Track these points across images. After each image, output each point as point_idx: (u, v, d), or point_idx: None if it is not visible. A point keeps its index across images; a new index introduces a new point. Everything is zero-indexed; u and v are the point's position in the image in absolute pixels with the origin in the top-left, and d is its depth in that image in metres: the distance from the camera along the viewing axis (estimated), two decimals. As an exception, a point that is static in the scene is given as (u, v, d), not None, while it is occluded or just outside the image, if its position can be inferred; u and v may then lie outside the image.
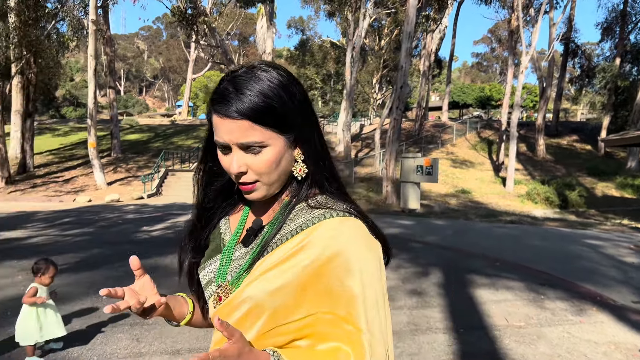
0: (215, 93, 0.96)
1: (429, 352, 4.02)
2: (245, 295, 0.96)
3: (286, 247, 0.96)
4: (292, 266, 0.94)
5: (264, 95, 0.92)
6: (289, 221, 1.00)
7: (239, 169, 0.95)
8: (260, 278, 0.95)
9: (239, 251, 1.04)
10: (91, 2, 19.36)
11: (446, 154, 28.18)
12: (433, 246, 9.56)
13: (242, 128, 0.92)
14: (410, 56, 17.45)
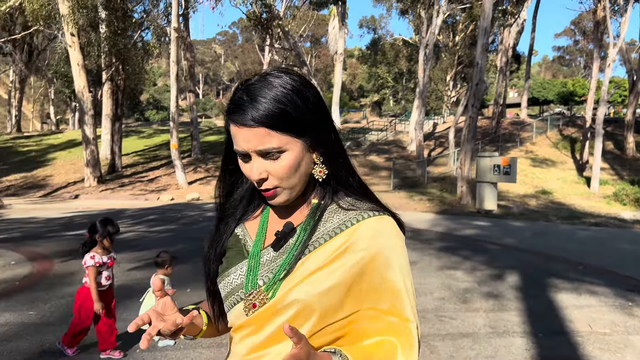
0: (231, 103, 0.99)
1: (506, 355, 3.96)
2: (291, 298, 0.97)
3: (328, 248, 0.99)
4: (339, 267, 0.97)
5: (277, 102, 0.95)
6: (323, 223, 1.03)
7: (260, 176, 0.97)
8: (307, 281, 0.97)
9: (267, 256, 1.04)
10: (173, 11, 20.43)
11: (525, 153, 27.04)
12: (510, 248, 9.27)
13: (259, 135, 0.94)
14: (486, 52, 16.94)
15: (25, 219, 12.87)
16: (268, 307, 0.99)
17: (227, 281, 1.06)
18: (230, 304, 1.04)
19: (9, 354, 3.78)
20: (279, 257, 1.02)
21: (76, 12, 18.47)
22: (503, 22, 23.38)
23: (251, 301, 1.00)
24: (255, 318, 1.00)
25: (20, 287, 5.78)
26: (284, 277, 0.99)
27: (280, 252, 1.02)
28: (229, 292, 1.05)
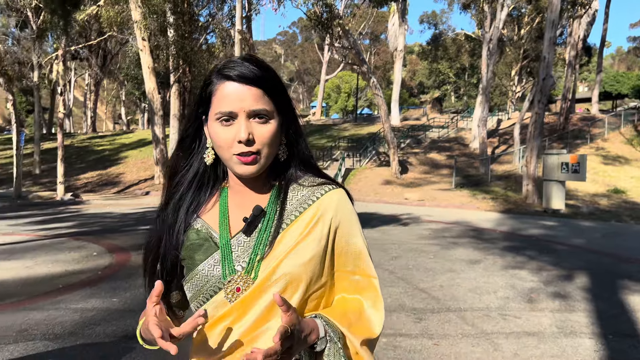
0: (225, 66, 1.02)
1: (573, 355, 3.91)
2: (280, 272, 1.01)
3: (301, 222, 1.05)
4: (316, 237, 1.05)
5: (271, 72, 1.03)
6: (288, 200, 1.08)
7: (248, 136, 0.98)
8: (291, 254, 1.02)
9: (237, 242, 1.05)
10: (237, 14, 21.05)
11: (596, 150, 25.75)
12: (579, 249, 8.96)
13: (255, 95, 0.99)
14: (554, 46, 16.32)
15: (102, 213, 13.76)
16: (255, 286, 1.01)
17: (199, 276, 1.05)
18: (206, 297, 1.04)
19: (97, 336, 4.14)
20: (250, 241, 1.04)
21: (147, 18, 19.43)
22: (572, 13, 22.39)
23: (234, 286, 1.02)
24: (240, 303, 1.02)
25: (102, 276, 6.25)
26: (262, 257, 1.02)
27: (254, 234, 1.05)
28: (202, 287, 1.04)
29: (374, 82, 20.62)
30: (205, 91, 1.04)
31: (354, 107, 62.55)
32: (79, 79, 61.07)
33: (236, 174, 1.05)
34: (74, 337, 4.08)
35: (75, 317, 4.57)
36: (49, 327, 4.28)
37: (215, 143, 1.03)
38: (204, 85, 1.06)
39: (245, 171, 1.01)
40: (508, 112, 41.11)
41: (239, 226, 1.06)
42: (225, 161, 1.04)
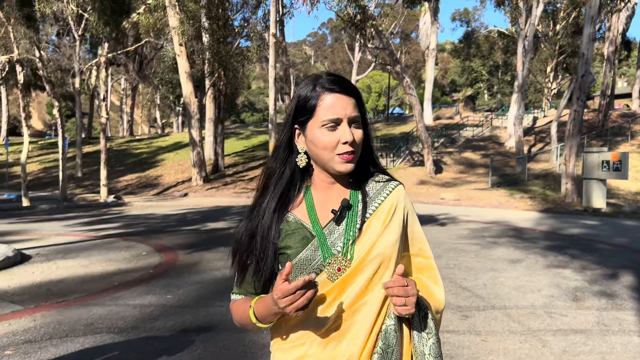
0: (327, 81, 1.23)
1: (623, 353, 3.94)
2: (375, 253, 1.21)
3: (382, 211, 1.26)
4: (396, 223, 1.27)
5: (355, 86, 1.27)
6: (368, 193, 1.29)
7: (351, 138, 1.19)
8: (381, 237, 1.23)
9: (329, 231, 1.23)
10: (272, 18, 21.38)
11: (637, 147, 25.03)
12: (624, 248, 8.82)
13: (352, 104, 1.22)
14: (593, 42, 16.00)
15: (145, 215, 14.22)
16: (354, 266, 1.20)
17: (301, 261, 1.21)
18: (314, 274, 1.20)
19: (158, 329, 4.39)
20: (340, 229, 1.23)
21: (185, 24, 19.94)
22: (611, 7, 21.85)
23: (335, 266, 1.20)
24: (341, 281, 1.20)
25: (154, 274, 6.54)
26: (354, 241, 1.22)
27: (344, 223, 1.24)
28: (305, 270, 1.21)
29: (408, 82, 20.60)
30: (307, 103, 1.23)
31: (385, 106, 62.35)
32: (115, 84, 62.85)
33: (335, 171, 1.24)
34: (136, 331, 4.33)
35: (135, 313, 4.84)
36: (113, 322, 4.56)
37: (319, 145, 1.22)
38: (304, 97, 1.24)
39: (346, 168, 1.22)
40: (544, 110, 40.28)
41: (325, 218, 1.25)
42: (326, 161, 1.23)
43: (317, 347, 1.22)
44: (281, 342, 1.27)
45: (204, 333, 4.29)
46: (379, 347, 1.21)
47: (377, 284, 1.22)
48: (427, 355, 1.24)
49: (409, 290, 1.13)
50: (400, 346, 1.24)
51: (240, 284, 1.33)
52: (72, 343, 4.02)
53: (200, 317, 4.73)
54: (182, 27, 19.87)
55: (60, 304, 5.11)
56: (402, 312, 1.14)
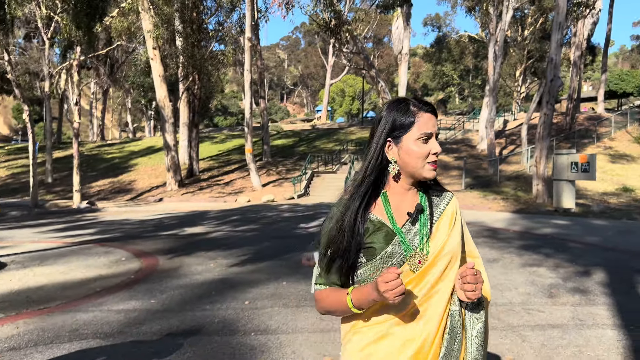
0: (419, 102, 1.49)
1: (597, 345, 4.11)
2: (447, 250, 1.46)
3: (447, 216, 1.51)
4: (459, 226, 1.52)
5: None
6: (433, 200, 1.54)
7: (440, 149, 1.48)
8: (450, 238, 1.47)
9: (406, 230, 1.46)
10: (247, 22, 21.37)
11: (603, 149, 25.90)
12: (594, 247, 9.14)
13: (436, 122, 1.49)
14: (561, 47, 16.52)
15: (120, 220, 14.03)
16: (431, 260, 1.44)
17: (386, 255, 1.44)
18: (397, 264, 1.44)
19: (145, 334, 4.38)
20: (414, 229, 1.46)
21: (159, 27, 19.75)
22: (577, 14, 22.59)
23: (416, 259, 1.43)
24: (421, 272, 1.43)
25: (136, 279, 6.49)
26: (428, 239, 1.45)
27: (417, 223, 1.47)
28: (388, 262, 1.44)
29: (382, 86, 20.86)
30: (405, 119, 1.47)
31: (359, 110, 62.78)
32: (84, 88, 61.67)
33: (423, 178, 1.49)
34: (123, 335, 4.32)
35: (120, 318, 4.81)
36: (98, 327, 4.53)
37: (414, 155, 1.46)
38: (401, 115, 1.48)
39: (433, 175, 1.49)
40: (514, 113, 41.22)
41: (401, 219, 1.48)
42: (415, 169, 1.47)
43: (397, 327, 1.44)
44: (361, 325, 1.49)
45: (192, 336, 4.30)
46: (448, 328, 1.45)
47: (447, 276, 1.45)
48: (475, 337, 1.48)
49: (478, 278, 1.36)
50: (462, 329, 1.48)
51: (327, 274, 1.51)
52: (57, 349, 3.99)
53: (186, 320, 4.73)
54: (156, 31, 19.70)
55: (42, 311, 5.05)
56: (471, 297, 1.36)
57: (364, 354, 1.46)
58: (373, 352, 1.45)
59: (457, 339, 1.46)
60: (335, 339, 4.27)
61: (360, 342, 1.48)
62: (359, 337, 1.48)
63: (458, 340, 1.46)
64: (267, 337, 4.31)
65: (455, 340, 1.46)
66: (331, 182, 23.24)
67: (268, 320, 4.77)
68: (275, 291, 5.86)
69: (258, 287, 6.05)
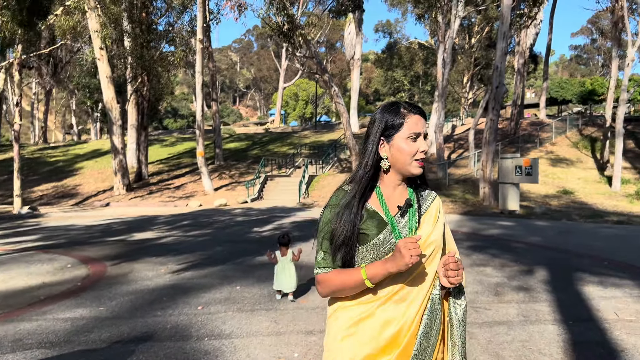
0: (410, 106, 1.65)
1: (540, 340, 4.32)
2: (431, 240, 1.63)
3: (432, 211, 1.68)
4: (441, 221, 1.70)
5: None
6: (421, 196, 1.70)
7: (427, 147, 1.64)
8: (434, 230, 1.65)
9: (396, 220, 1.62)
10: (199, 23, 21.07)
11: (545, 153, 27.13)
12: (536, 247, 9.57)
13: (425, 124, 1.65)
14: (505, 56, 17.21)
15: (65, 226, 13.50)
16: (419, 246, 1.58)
17: (379, 241, 1.59)
18: (385, 253, 1.59)
19: (93, 342, 4.25)
20: (403, 220, 1.63)
21: (107, 27, 19.17)
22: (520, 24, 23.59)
23: None
24: None
25: (83, 287, 6.28)
26: (415, 230, 1.61)
27: (407, 216, 1.64)
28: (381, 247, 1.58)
29: (335, 91, 21.05)
30: (396, 120, 1.62)
31: (312, 114, 63.02)
32: (25, 88, 58.91)
33: (410, 174, 1.64)
34: (70, 344, 4.17)
35: (66, 326, 4.65)
36: (43, 336, 4.36)
37: (404, 152, 1.61)
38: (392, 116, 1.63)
39: (419, 171, 1.64)
40: (461, 118, 42.47)
41: (393, 211, 1.63)
42: (404, 165, 1.62)
43: (381, 307, 1.58)
44: (349, 303, 1.62)
45: (143, 343, 4.21)
46: (428, 310, 1.60)
47: (430, 264, 1.62)
48: (461, 320, 1.65)
49: (459, 265, 1.53)
50: (442, 311, 1.63)
51: (331, 259, 1.62)
52: (-1, 361, 3.81)
53: (137, 327, 4.63)
54: (104, 31, 19.12)
55: (-19, 322, 4.80)
56: (454, 282, 1.52)
57: (348, 332, 1.59)
58: (355, 332, 1.58)
59: (436, 320, 1.61)
60: (290, 341, 4.29)
61: (346, 321, 1.61)
62: (346, 314, 1.61)
63: (437, 322, 1.61)
64: (221, 341, 4.28)
65: (434, 321, 1.61)
66: (285, 185, 23.21)
67: (222, 324, 4.73)
68: (229, 295, 5.82)
69: (211, 291, 5.98)
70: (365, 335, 1.57)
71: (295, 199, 20.45)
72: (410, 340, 1.57)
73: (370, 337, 1.56)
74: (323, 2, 36.87)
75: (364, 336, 1.57)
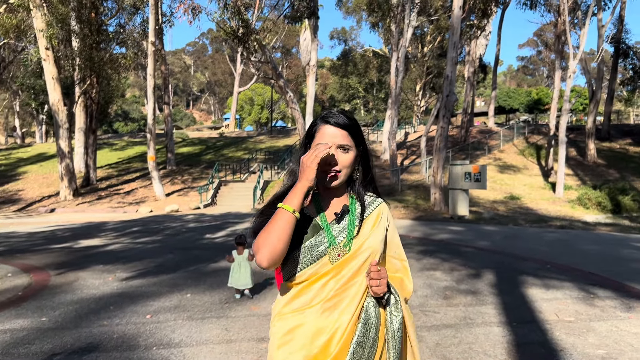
0: (327, 115, 1.63)
1: (485, 341, 4.46)
2: (366, 246, 1.62)
3: (372, 218, 1.68)
4: (382, 228, 1.69)
5: (354, 121, 1.65)
6: (363, 204, 1.70)
7: (335, 161, 1.59)
8: (371, 236, 1.64)
9: (333, 227, 1.63)
10: (151, 26, 20.64)
11: (493, 160, 28.07)
12: (484, 251, 9.87)
13: (342, 135, 1.61)
14: (455, 65, 17.73)
15: (5, 233, 12.88)
16: (350, 254, 1.60)
17: (311, 245, 1.59)
18: (316, 257, 1.59)
19: (34, 354, 4.07)
20: (340, 226, 1.63)
21: (54, 27, 18.48)
22: (470, 35, 24.39)
23: (336, 252, 1.59)
24: (339, 264, 1.59)
25: (24, 296, 6.01)
26: (352, 237, 1.61)
27: (343, 222, 1.64)
28: (313, 251, 1.59)
29: (291, 97, 21.08)
30: (311, 131, 1.66)
31: (268, 119, 62.78)
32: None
33: (325, 186, 1.64)
34: (9, 357, 3.98)
35: (5, 338, 4.43)
36: (-22, 350, 4.14)
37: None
38: (311, 126, 1.67)
39: (333, 184, 1.62)
40: (414, 126, 43.34)
41: (329, 217, 1.64)
42: (318, 177, 1.58)
43: (314, 315, 1.57)
44: (285, 311, 1.62)
45: (88, 354, 4.07)
46: (362, 318, 1.58)
47: (365, 270, 1.60)
48: (396, 331, 1.62)
49: (381, 274, 1.53)
50: (378, 319, 1.60)
51: None
52: None
53: (81, 337, 4.46)
54: (50, 30, 18.41)
55: None
56: (377, 292, 1.53)
57: (283, 340, 1.59)
58: (290, 340, 1.58)
59: (372, 329, 1.58)
60: (241, 349, 4.25)
61: (281, 329, 1.61)
62: (282, 323, 1.62)
63: (374, 330, 1.58)
64: (170, 350, 4.19)
65: (370, 330, 1.58)
66: (240, 191, 22.99)
67: (171, 333, 4.63)
68: (179, 303, 5.70)
69: (160, 299, 5.85)
70: (298, 343, 1.56)
71: (250, 205, 20.29)
72: (343, 349, 1.55)
73: (302, 345, 1.56)
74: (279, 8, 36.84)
75: (297, 344, 1.56)
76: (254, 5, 25.83)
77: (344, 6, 45.41)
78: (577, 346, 4.35)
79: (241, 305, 5.64)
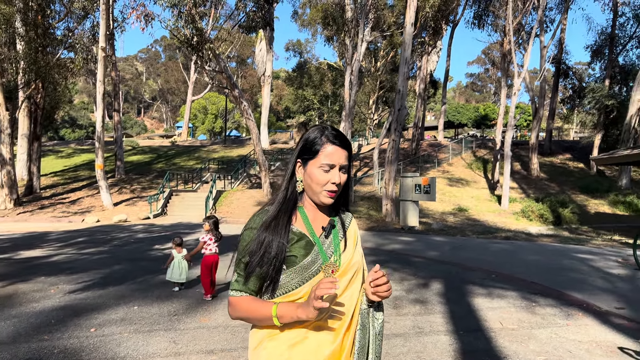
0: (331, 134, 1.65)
1: (433, 350, 4.57)
2: (354, 261, 1.68)
3: (351, 233, 1.74)
4: (359, 242, 1.77)
5: (348, 140, 1.69)
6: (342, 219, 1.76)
7: (339, 180, 1.63)
8: (355, 251, 1.70)
9: (322, 242, 1.64)
10: (101, 31, 20.10)
11: (443, 173, 28.84)
12: (433, 261, 10.11)
13: (345, 156, 1.65)
14: (407, 80, 18.18)
15: (-62, 244, 12.12)
16: (342, 270, 1.63)
17: (307, 263, 1.59)
18: (312, 274, 1.60)
19: (-34, 372, 3.86)
20: (327, 241, 1.65)
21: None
22: (422, 51, 25.10)
23: (329, 269, 1.60)
24: (343, 272, 1.63)
25: (-43, 311, 5.68)
26: (340, 252, 1.66)
27: (330, 237, 1.67)
28: (308, 270, 1.59)
29: (245, 106, 20.98)
30: (313, 146, 1.65)
31: (221, 128, 62.14)
32: None
33: (320, 202, 1.66)
34: (-62, 376, 3.76)
35: None
36: None
37: (314, 180, 1.63)
38: (311, 142, 1.66)
39: (329, 202, 1.65)
40: (367, 138, 43.97)
41: (317, 232, 1.66)
42: (314, 193, 1.65)
43: (313, 330, 1.57)
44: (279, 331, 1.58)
45: (26, 370, 3.89)
46: (360, 325, 1.65)
47: (354, 283, 1.66)
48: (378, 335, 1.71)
49: (387, 278, 1.59)
50: (368, 323, 1.69)
51: (245, 283, 1.61)
52: None
53: (19, 353, 4.27)
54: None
55: None
56: (386, 295, 1.59)
57: (282, 358, 1.55)
58: (290, 357, 1.55)
59: (367, 334, 1.67)
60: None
61: (276, 348, 1.57)
62: (275, 343, 1.58)
63: (367, 335, 1.68)
64: (116, 365, 4.07)
65: (366, 335, 1.66)
66: (191, 201, 22.59)
67: (116, 347, 4.50)
68: (125, 316, 5.54)
69: (106, 312, 5.67)
70: (301, 357, 1.55)
71: (201, 215, 19.96)
72: (347, 357, 1.62)
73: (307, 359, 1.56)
74: (234, 17, 36.73)
75: (300, 358, 1.55)
76: (209, 14, 25.65)
77: (300, 19, 45.74)
78: (519, 353, 4.52)
79: (190, 317, 5.54)
